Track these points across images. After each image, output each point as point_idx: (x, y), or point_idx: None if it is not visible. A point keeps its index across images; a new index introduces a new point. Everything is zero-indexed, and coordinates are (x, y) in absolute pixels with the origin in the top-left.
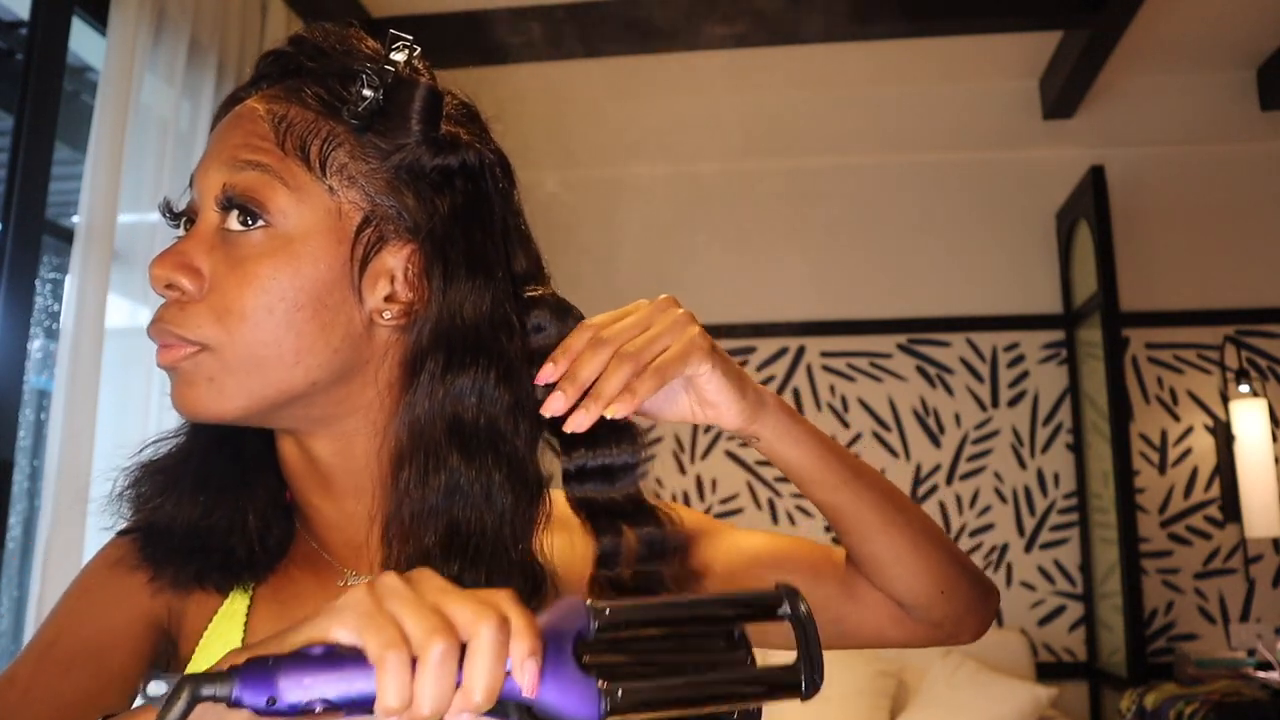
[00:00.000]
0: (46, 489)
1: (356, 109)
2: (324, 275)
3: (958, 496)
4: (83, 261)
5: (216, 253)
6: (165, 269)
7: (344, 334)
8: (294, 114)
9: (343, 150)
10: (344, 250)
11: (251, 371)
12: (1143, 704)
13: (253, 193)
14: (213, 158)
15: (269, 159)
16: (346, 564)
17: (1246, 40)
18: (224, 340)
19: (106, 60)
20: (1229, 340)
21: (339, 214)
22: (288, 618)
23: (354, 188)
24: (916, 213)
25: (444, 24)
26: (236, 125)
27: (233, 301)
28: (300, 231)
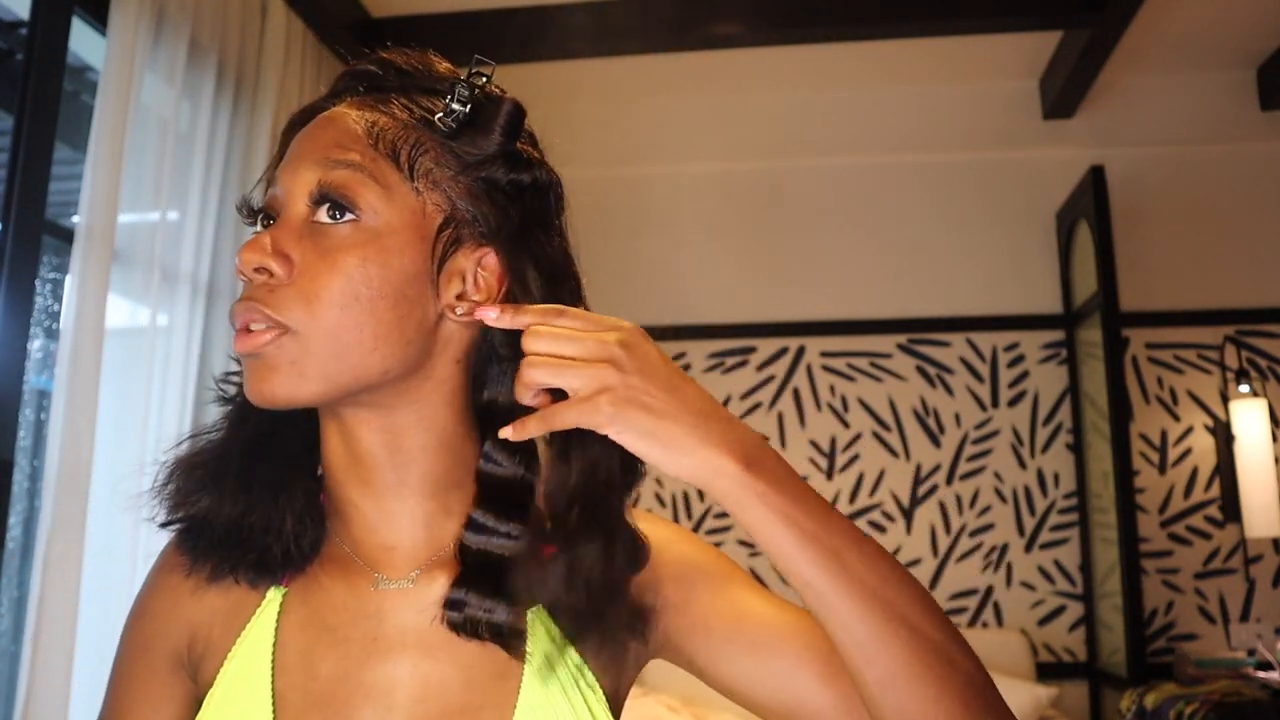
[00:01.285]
0: (46, 489)
1: (448, 119)
2: (406, 268)
3: (958, 496)
4: (83, 261)
5: (305, 242)
6: (256, 254)
7: (418, 326)
8: (384, 121)
9: (428, 156)
10: (425, 247)
11: (333, 355)
12: (1143, 704)
13: (346, 189)
14: (303, 157)
15: (362, 158)
16: (378, 567)
17: (1246, 40)
18: (309, 324)
19: (106, 60)
20: (1229, 340)
21: (423, 213)
22: (318, 620)
23: (437, 190)
24: (916, 213)
25: (444, 24)
26: (327, 127)
27: (321, 287)
28: (387, 227)
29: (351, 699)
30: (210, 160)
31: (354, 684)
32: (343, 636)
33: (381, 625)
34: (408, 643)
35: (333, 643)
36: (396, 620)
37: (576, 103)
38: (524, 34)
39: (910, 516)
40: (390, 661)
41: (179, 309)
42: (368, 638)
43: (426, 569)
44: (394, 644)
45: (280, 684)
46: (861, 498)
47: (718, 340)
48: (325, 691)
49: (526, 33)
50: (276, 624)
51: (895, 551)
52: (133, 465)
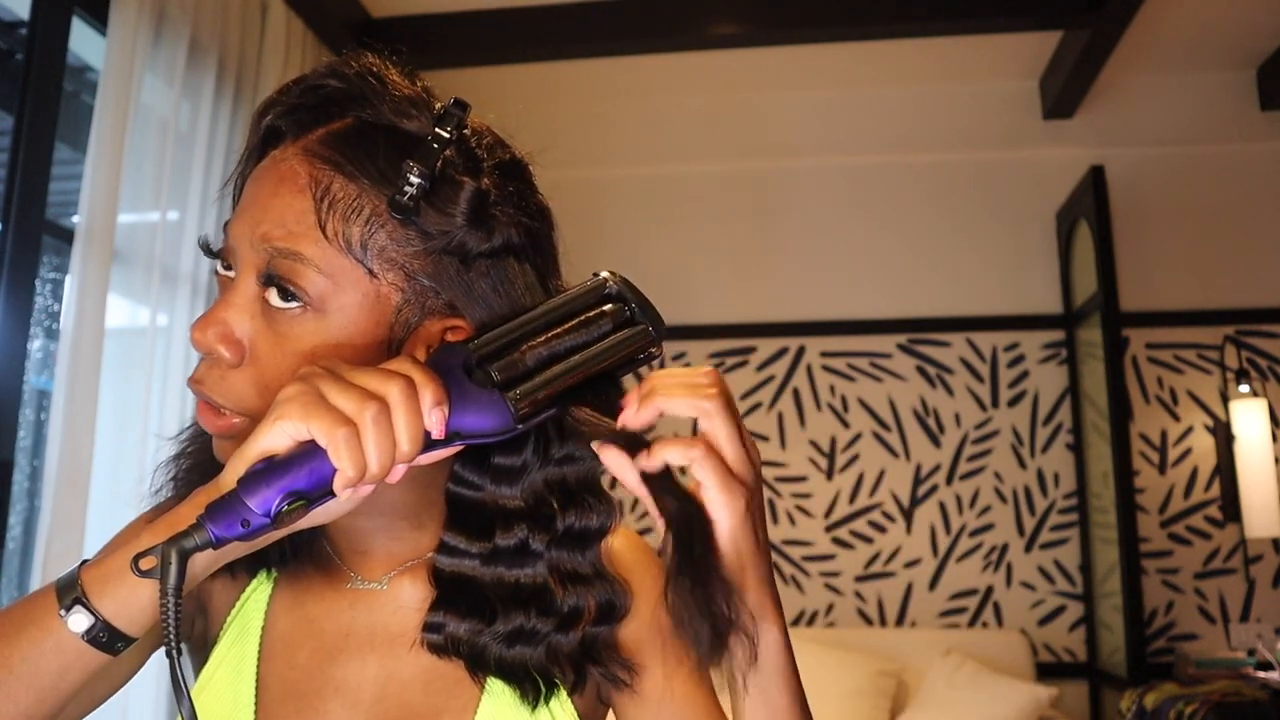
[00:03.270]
0: (46, 489)
1: (401, 200)
2: (361, 351)
3: (958, 496)
4: (83, 261)
5: (257, 321)
6: (207, 339)
7: None
8: (337, 188)
9: (384, 231)
10: (383, 331)
11: None
12: (1143, 704)
13: (292, 278)
14: (250, 223)
15: (306, 245)
16: (353, 568)
17: (1246, 40)
18: (264, 412)
19: (106, 60)
20: (1229, 340)
21: (377, 296)
22: (302, 611)
23: (394, 269)
24: (916, 213)
25: (444, 24)
26: (277, 191)
27: (275, 377)
28: (340, 313)
29: (322, 692)
30: (210, 160)
31: (325, 677)
32: (319, 629)
33: (354, 623)
34: (376, 643)
35: (311, 633)
36: (369, 619)
37: (575, 103)
38: (523, 34)
39: (910, 516)
40: (359, 659)
41: (179, 309)
42: (341, 633)
43: (399, 574)
44: (364, 642)
45: (264, 669)
46: (861, 498)
47: (718, 340)
48: (300, 681)
49: (525, 33)
50: (268, 607)
51: (895, 551)
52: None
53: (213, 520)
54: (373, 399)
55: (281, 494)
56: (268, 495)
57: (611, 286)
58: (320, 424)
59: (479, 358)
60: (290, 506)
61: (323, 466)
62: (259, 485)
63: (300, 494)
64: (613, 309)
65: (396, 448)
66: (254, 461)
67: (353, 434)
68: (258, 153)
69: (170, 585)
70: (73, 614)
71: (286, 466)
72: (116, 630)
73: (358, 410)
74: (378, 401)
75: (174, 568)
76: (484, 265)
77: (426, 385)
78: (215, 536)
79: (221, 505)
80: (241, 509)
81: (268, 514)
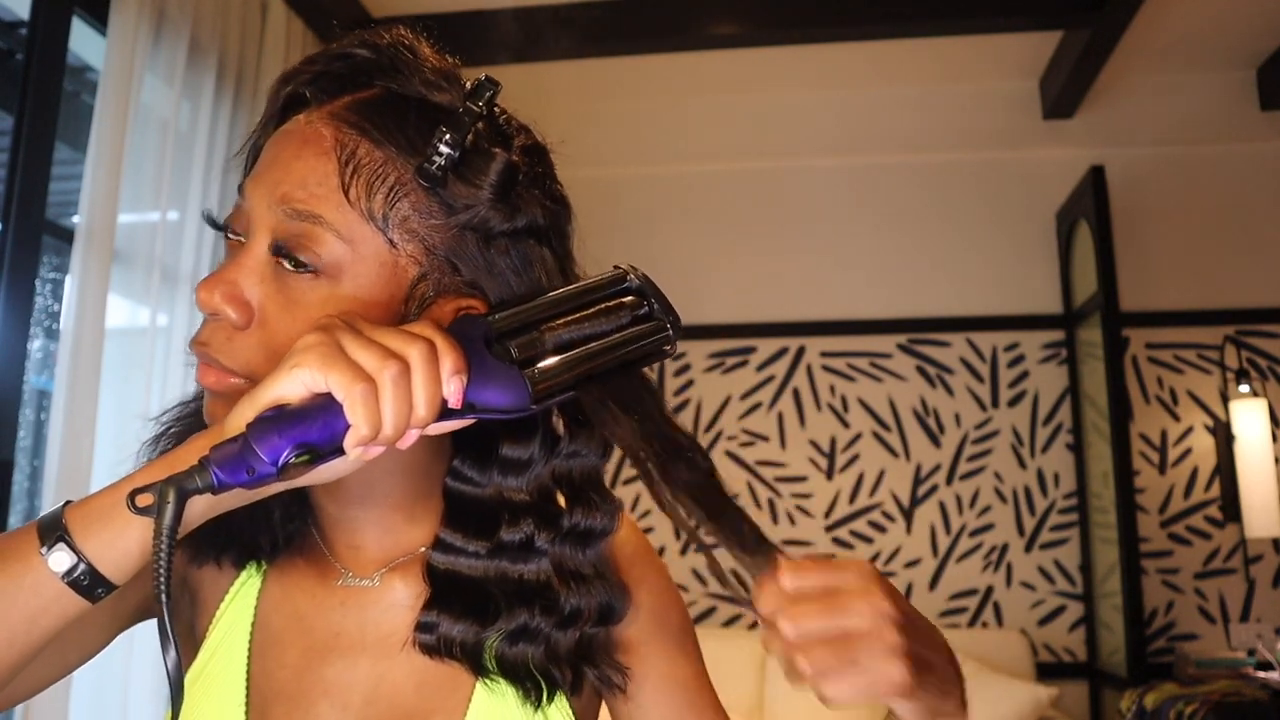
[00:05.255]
0: (46, 489)
1: (430, 168)
2: (375, 325)
3: (958, 496)
4: (83, 261)
5: (268, 285)
6: (213, 298)
7: None
8: (363, 153)
9: (407, 201)
10: (397, 304)
11: None
12: (1143, 704)
13: (310, 244)
14: (270, 184)
15: (327, 209)
16: (344, 563)
17: (1246, 40)
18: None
19: (106, 60)
20: (1229, 340)
21: (395, 267)
22: (292, 607)
23: (414, 240)
24: (917, 213)
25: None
26: (299, 153)
27: (282, 343)
28: (353, 282)
29: (310, 693)
30: (210, 160)
31: (315, 678)
32: (309, 627)
33: (345, 621)
34: (368, 641)
35: (301, 631)
36: (360, 618)
37: (574, 103)
38: (522, 34)
39: (910, 516)
40: (349, 659)
41: (179, 309)
42: (331, 631)
43: (391, 570)
44: (354, 642)
45: (254, 667)
46: (861, 498)
47: (718, 340)
48: (290, 681)
49: (525, 33)
50: (257, 601)
51: (895, 552)
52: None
53: (218, 463)
54: (394, 358)
55: (292, 444)
56: (278, 444)
57: (632, 280)
58: (339, 377)
59: (498, 333)
60: (298, 459)
61: (336, 421)
62: (269, 433)
63: (310, 447)
64: (632, 302)
65: (413, 411)
66: (265, 408)
67: (370, 391)
68: (277, 119)
69: (166, 525)
70: (54, 552)
71: (299, 417)
72: (98, 574)
73: (378, 367)
74: (399, 361)
75: (171, 507)
76: (505, 244)
77: (448, 352)
78: (218, 480)
79: (228, 449)
80: (249, 455)
81: (275, 463)
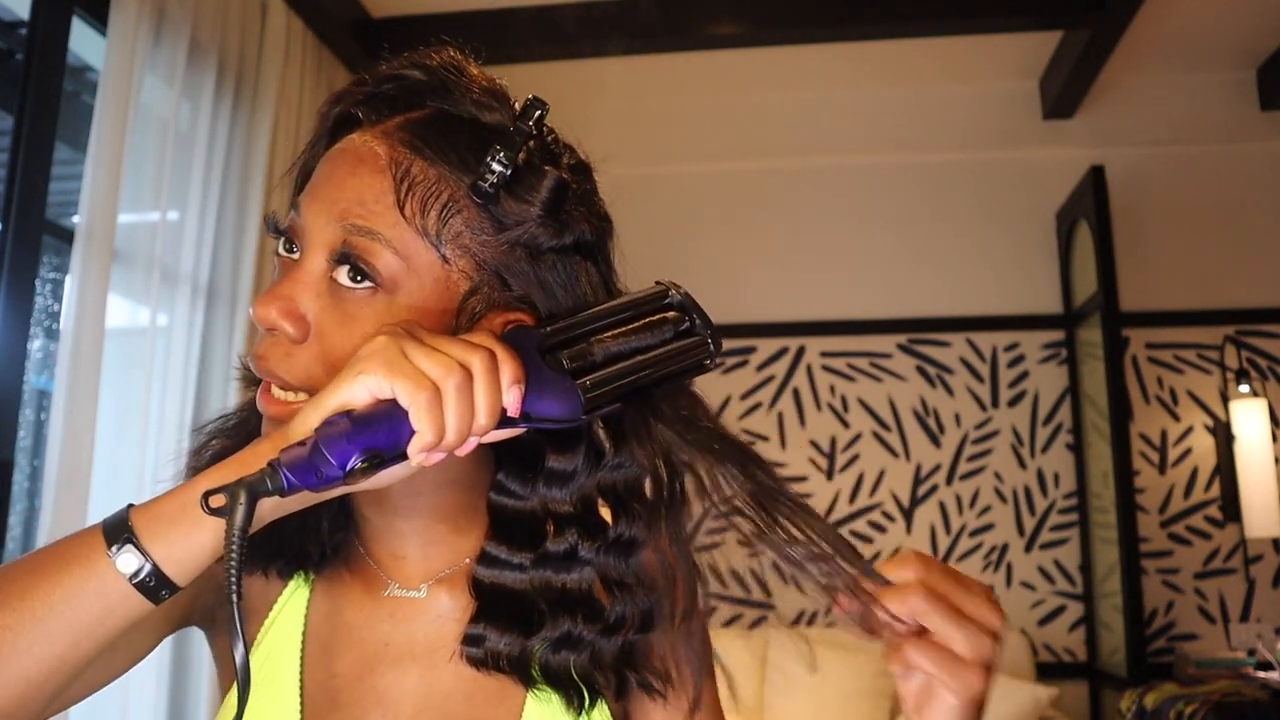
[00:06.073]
0: (46, 489)
1: (483, 186)
2: (436, 334)
3: (958, 496)
4: (83, 261)
5: (323, 300)
6: (270, 313)
7: None
8: (417, 171)
9: (459, 218)
10: (448, 318)
11: None
12: (1143, 704)
13: (366, 257)
14: (327, 201)
15: (384, 225)
16: (391, 574)
17: (1246, 40)
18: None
19: (106, 60)
20: (1229, 340)
21: (447, 282)
22: (338, 615)
23: (466, 256)
24: (917, 213)
25: (444, 24)
26: (355, 170)
27: (339, 357)
28: (407, 297)
29: (362, 702)
30: (210, 160)
31: (366, 687)
32: (359, 637)
33: (393, 631)
34: (417, 652)
35: (350, 641)
36: (408, 629)
37: (573, 103)
38: (523, 34)
39: (910, 516)
40: (399, 669)
41: (179, 309)
42: (380, 642)
43: (438, 582)
44: (404, 652)
45: (306, 676)
46: (861, 498)
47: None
48: (342, 690)
49: (525, 33)
50: (306, 610)
51: (895, 552)
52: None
53: (288, 466)
54: (457, 366)
55: (360, 449)
56: (347, 449)
57: (673, 295)
58: (405, 384)
59: (550, 344)
60: (363, 464)
61: (400, 427)
62: (338, 438)
63: (375, 452)
64: (674, 317)
65: (474, 419)
66: (330, 413)
67: (435, 399)
68: (327, 139)
69: (238, 525)
70: (122, 554)
71: (366, 422)
72: (164, 576)
73: (442, 375)
74: (462, 370)
75: (243, 508)
76: (552, 260)
77: (507, 362)
78: (288, 483)
79: (297, 452)
80: (318, 459)
81: (343, 467)
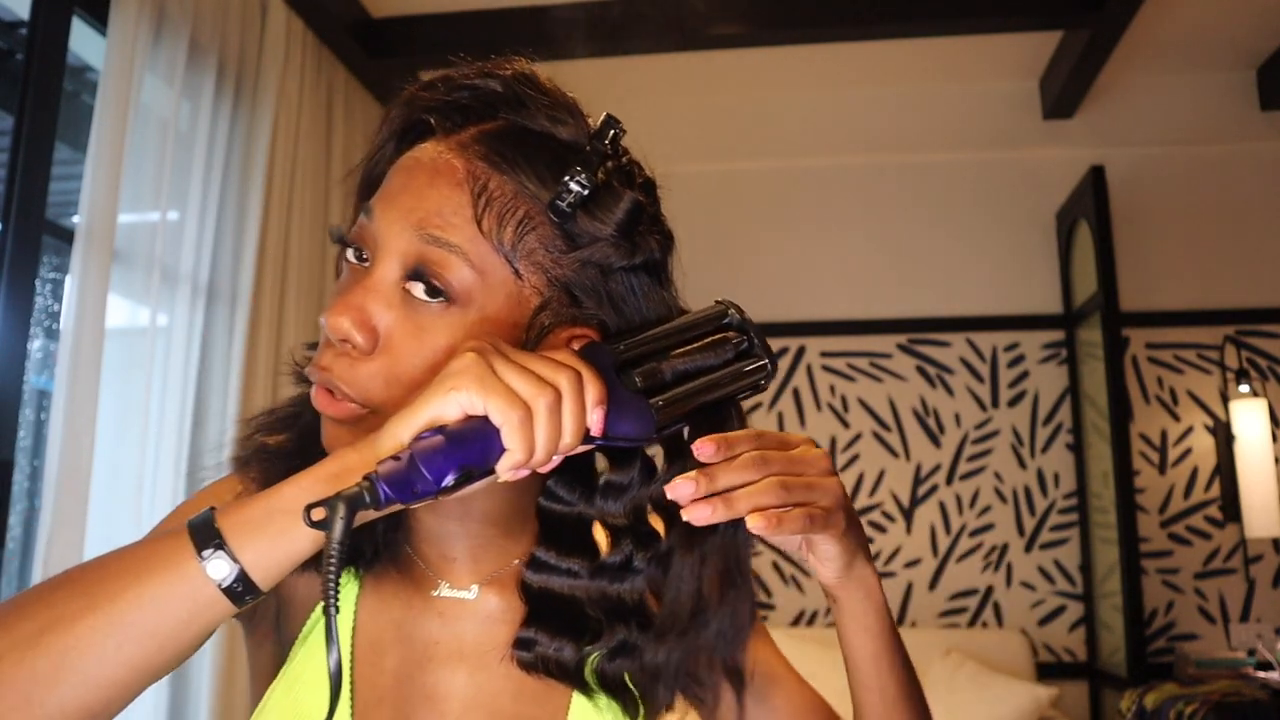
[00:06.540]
0: (46, 489)
1: (561, 205)
2: (521, 351)
3: (958, 496)
4: (83, 261)
5: (396, 311)
6: (344, 323)
7: None
8: (494, 186)
9: (534, 234)
10: (518, 332)
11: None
12: (1143, 704)
13: (444, 272)
14: (403, 210)
15: (462, 238)
16: (440, 574)
17: (1246, 40)
18: (388, 405)
19: (106, 60)
20: (1229, 340)
21: (519, 298)
22: (389, 615)
23: (538, 271)
24: (917, 213)
25: (444, 24)
26: (433, 181)
27: (406, 370)
28: (480, 312)
29: (411, 700)
30: (210, 160)
31: (415, 685)
32: (406, 635)
33: (442, 631)
34: (465, 652)
35: (399, 639)
36: (456, 629)
37: None
38: (523, 34)
39: (910, 516)
40: (447, 669)
41: (179, 309)
42: (429, 640)
43: (487, 583)
44: (452, 652)
45: (356, 672)
46: (861, 498)
47: None
48: (390, 688)
49: (525, 33)
50: (355, 606)
51: (895, 551)
52: (133, 465)
53: (385, 480)
54: (548, 386)
55: (455, 466)
56: (443, 466)
57: (732, 316)
58: (499, 402)
59: (622, 362)
60: (456, 480)
61: (490, 444)
62: (435, 454)
63: (467, 469)
64: (734, 337)
65: (561, 438)
66: (423, 428)
67: (527, 418)
68: (394, 143)
69: (337, 537)
70: (213, 559)
71: (461, 439)
72: (250, 581)
73: (534, 395)
74: (553, 390)
75: (342, 521)
76: (621, 277)
77: (593, 382)
78: (385, 496)
79: (393, 466)
80: (416, 475)
81: (439, 483)
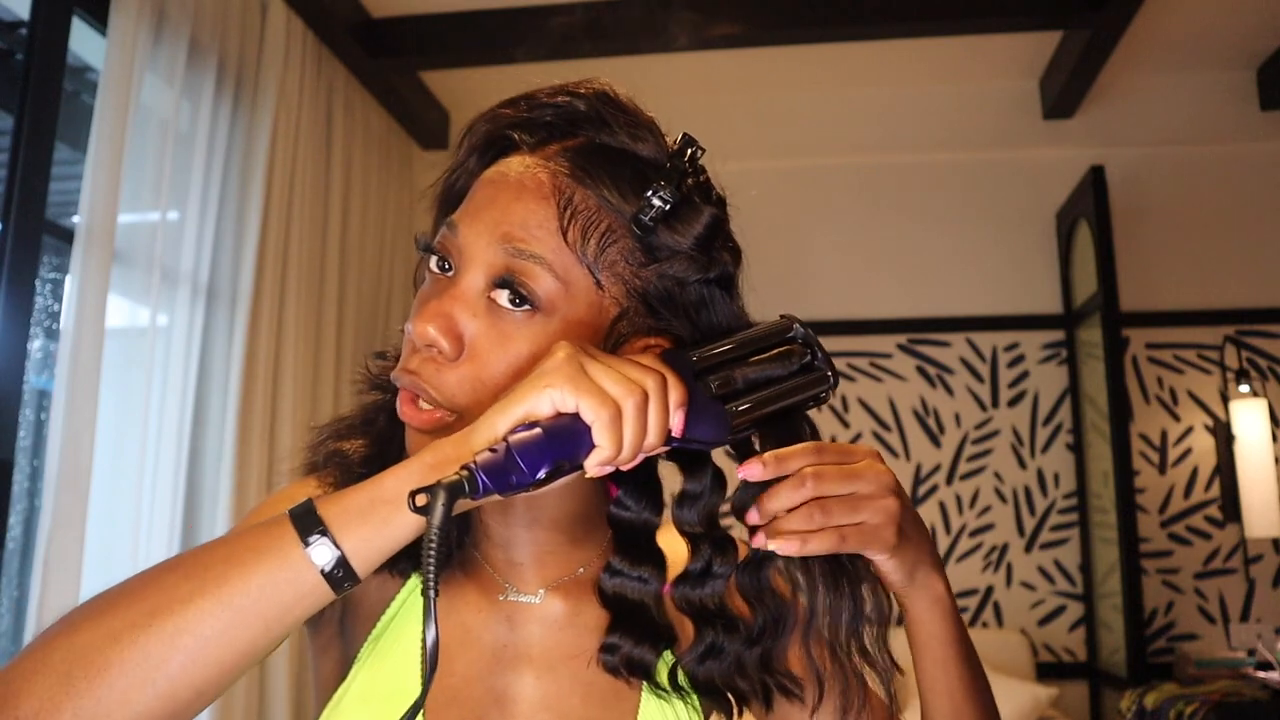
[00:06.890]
0: (46, 489)
1: (644, 219)
2: (609, 355)
3: (958, 496)
4: (83, 261)
5: (480, 320)
6: (431, 330)
7: None
8: (579, 200)
9: (616, 247)
10: (598, 339)
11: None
12: (1143, 704)
13: (529, 282)
14: (490, 223)
15: (548, 250)
16: (507, 579)
17: (1246, 40)
18: (473, 409)
19: (106, 60)
20: (1229, 340)
21: (600, 308)
22: (454, 616)
23: (618, 282)
24: (917, 213)
25: (444, 24)
26: (519, 195)
27: (491, 376)
28: (563, 321)
29: (481, 702)
30: (210, 160)
31: (484, 688)
32: (475, 638)
33: (510, 635)
34: (533, 655)
35: (468, 642)
36: (524, 632)
37: None
38: (522, 34)
39: None
40: (516, 672)
41: (179, 309)
42: (498, 644)
43: (553, 588)
44: (520, 655)
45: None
46: None
47: None
48: (459, 689)
49: (525, 33)
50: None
51: None
52: (133, 465)
53: (484, 469)
54: (637, 387)
55: (550, 459)
56: (538, 459)
57: (796, 330)
58: (590, 401)
59: (699, 370)
60: (548, 473)
61: (580, 440)
62: (532, 448)
63: (559, 463)
64: (799, 350)
65: (645, 438)
66: (517, 422)
67: (616, 417)
68: (476, 158)
69: (437, 524)
70: (317, 546)
71: (555, 434)
72: (350, 568)
73: (623, 395)
74: (640, 391)
75: (442, 508)
76: (696, 289)
77: (675, 386)
78: (483, 486)
79: (491, 458)
80: (512, 466)
81: (534, 475)
